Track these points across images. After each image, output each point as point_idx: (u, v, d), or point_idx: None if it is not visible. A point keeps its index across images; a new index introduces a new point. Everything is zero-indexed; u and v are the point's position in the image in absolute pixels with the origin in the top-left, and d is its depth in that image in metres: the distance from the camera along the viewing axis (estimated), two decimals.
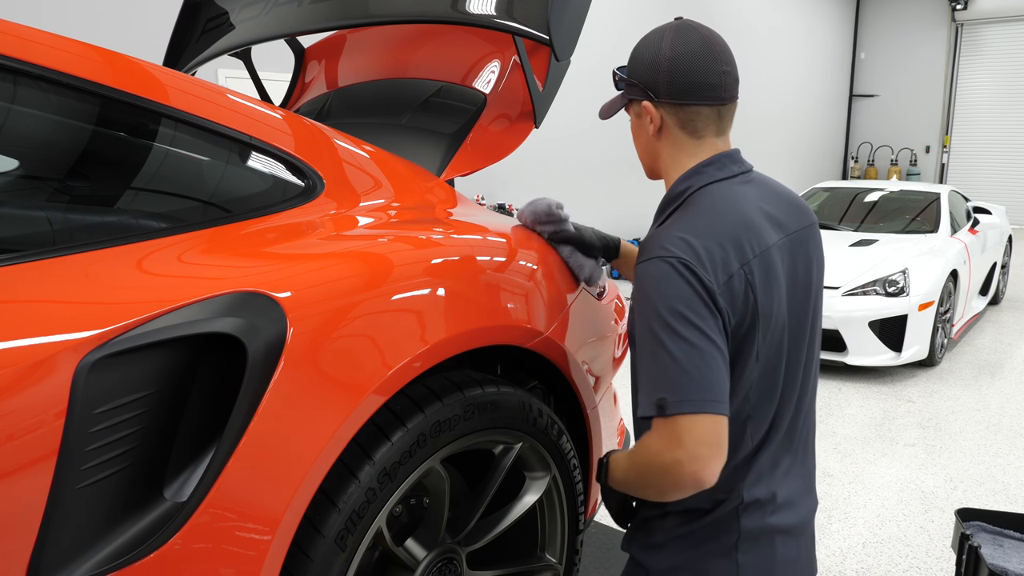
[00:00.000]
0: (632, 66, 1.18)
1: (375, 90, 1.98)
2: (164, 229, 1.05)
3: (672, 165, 1.19)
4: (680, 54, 1.12)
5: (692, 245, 1.04)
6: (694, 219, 1.09)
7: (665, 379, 0.99)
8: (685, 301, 1.01)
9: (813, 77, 12.63)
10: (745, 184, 1.17)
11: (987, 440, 3.63)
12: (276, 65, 3.02)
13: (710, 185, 1.14)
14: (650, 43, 1.16)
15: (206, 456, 0.92)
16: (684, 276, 1.02)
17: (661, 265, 1.03)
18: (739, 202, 1.13)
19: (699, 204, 1.12)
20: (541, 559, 1.49)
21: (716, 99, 1.14)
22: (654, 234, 1.12)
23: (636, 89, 1.17)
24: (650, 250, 1.07)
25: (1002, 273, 6.65)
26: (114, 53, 1.11)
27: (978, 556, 1.68)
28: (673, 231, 1.07)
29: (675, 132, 1.16)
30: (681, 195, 1.15)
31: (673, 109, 1.14)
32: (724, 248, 1.05)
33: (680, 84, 1.12)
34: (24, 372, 0.79)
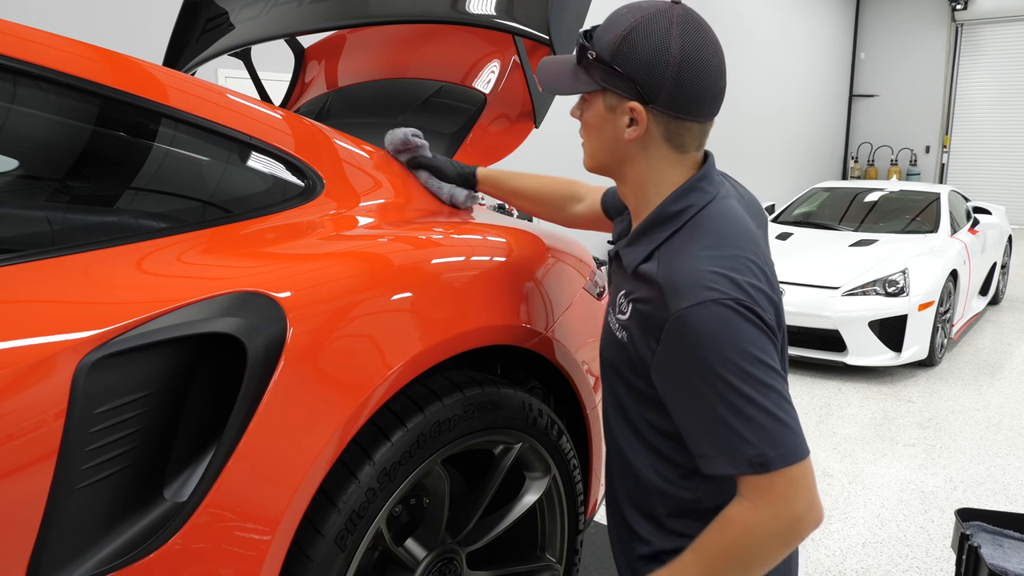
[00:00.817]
0: (624, 53, 0.98)
1: (375, 90, 1.98)
2: (164, 229, 1.05)
3: (653, 178, 1.04)
4: (692, 61, 0.97)
5: (739, 283, 0.93)
6: (716, 250, 0.97)
7: (761, 433, 0.88)
8: (758, 344, 0.91)
9: (813, 77, 12.63)
10: (730, 196, 1.07)
11: (987, 440, 3.63)
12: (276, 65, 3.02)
13: (710, 205, 1.02)
14: (655, 34, 0.97)
15: (206, 456, 0.92)
16: (749, 319, 0.91)
17: (720, 310, 0.91)
18: (744, 222, 1.03)
19: (711, 229, 1.00)
20: (541, 559, 1.49)
21: (708, 117, 1.02)
22: (677, 270, 0.96)
23: (624, 83, 0.99)
24: (688, 291, 0.93)
25: (1002, 273, 6.64)
26: (114, 53, 1.11)
27: (978, 556, 1.68)
28: (706, 266, 0.94)
29: (658, 144, 1.02)
30: (679, 216, 1.02)
31: (664, 120, 1.00)
32: (759, 279, 0.96)
33: (684, 96, 0.98)
34: (24, 372, 0.79)
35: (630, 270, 1.05)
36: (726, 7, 9.78)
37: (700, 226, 1.00)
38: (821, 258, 4.94)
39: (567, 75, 1.06)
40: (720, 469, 0.92)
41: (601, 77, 1.01)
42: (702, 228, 1.00)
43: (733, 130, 10.02)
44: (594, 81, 1.02)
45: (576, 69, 1.05)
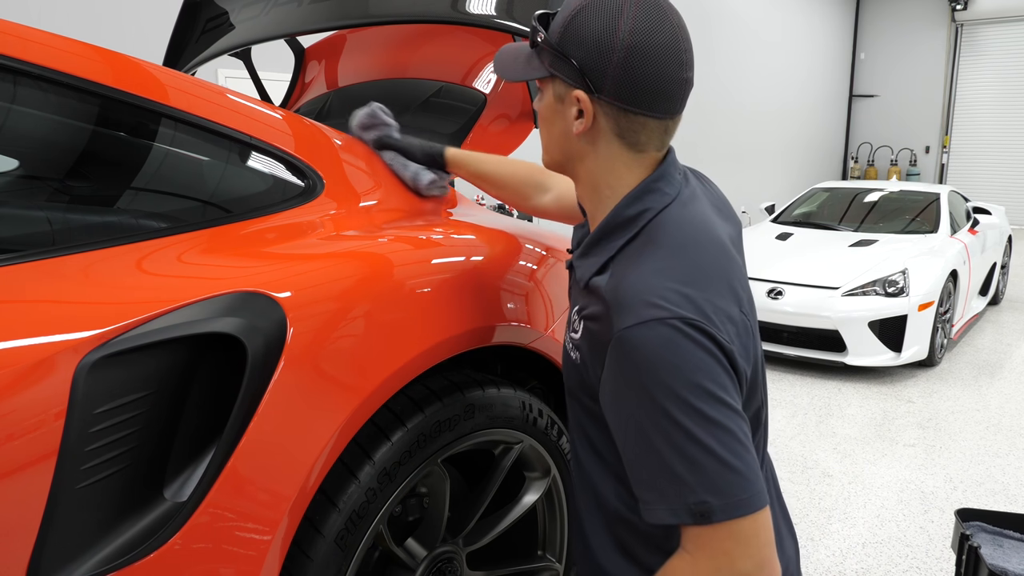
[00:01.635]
0: (570, 35, 0.87)
1: (375, 90, 1.98)
2: (164, 229, 1.05)
3: (606, 179, 0.93)
4: (642, 46, 0.84)
5: (692, 299, 0.81)
6: (673, 259, 0.85)
7: (703, 478, 0.77)
8: (706, 372, 0.79)
9: (813, 77, 12.63)
10: (695, 197, 0.95)
11: (987, 440, 3.63)
12: (276, 65, 3.02)
13: (670, 208, 0.90)
14: (603, 15, 0.86)
15: (206, 456, 0.92)
16: (698, 341, 0.79)
17: (663, 330, 0.78)
18: (708, 227, 0.91)
19: (668, 236, 0.88)
20: (541, 559, 1.49)
21: (668, 113, 0.88)
22: (625, 283, 0.85)
23: (568, 68, 0.88)
24: (631, 307, 0.81)
25: (1002, 273, 6.64)
26: (114, 53, 1.11)
27: (978, 556, 1.68)
28: (657, 280, 0.82)
29: (609, 140, 0.90)
30: (634, 221, 0.90)
31: (614, 112, 0.88)
32: (722, 294, 0.85)
33: (633, 86, 0.85)
34: (24, 372, 0.79)
35: (582, 283, 0.94)
36: (726, 7, 9.78)
37: (656, 233, 0.88)
38: (821, 258, 4.94)
39: (520, 61, 0.97)
40: (659, 517, 0.80)
41: (550, 63, 0.90)
42: (658, 235, 0.88)
43: (733, 130, 10.02)
44: (543, 67, 0.92)
45: (530, 54, 0.95)
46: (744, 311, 0.88)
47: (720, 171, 9.59)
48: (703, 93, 9.42)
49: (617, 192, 0.93)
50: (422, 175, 1.42)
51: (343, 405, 1.02)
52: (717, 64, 9.65)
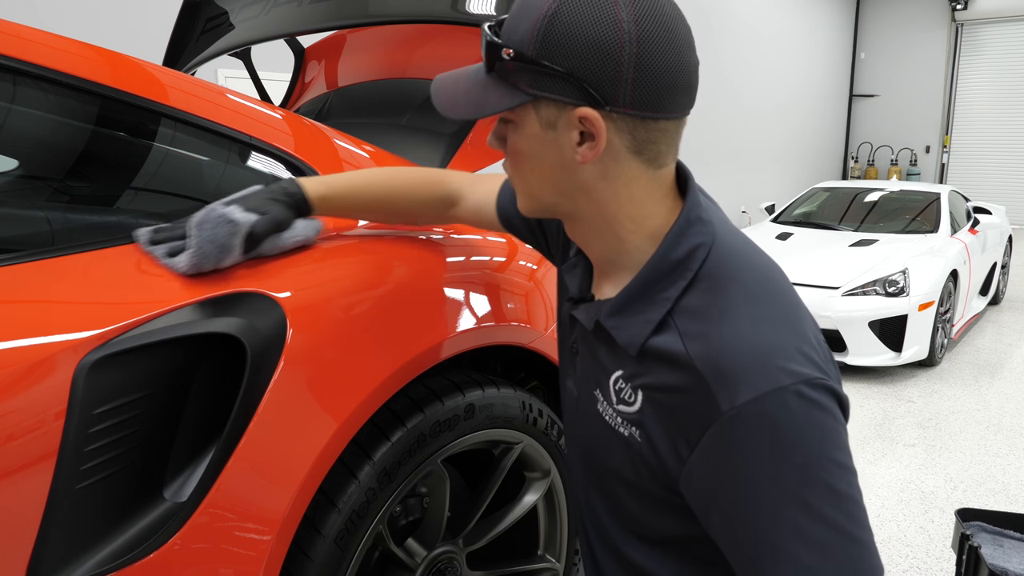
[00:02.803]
0: (554, 42, 0.69)
1: (375, 90, 1.98)
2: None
3: (626, 211, 0.76)
4: (654, 33, 0.68)
5: (804, 350, 0.69)
6: (762, 304, 0.72)
7: (830, 562, 0.67)
8: (836, 441, 0.69)
9: (813, 77, 12.63)
10: (712, 208, 0.82)
11: (987, 440, 3.63)
12: (276, 65, 3.02)
13: (722, 237, 0.76)
14: (592, 5, 0.68)
15: (206, 456, 0.92)
16: (825, 406, 0.68)
17: (790, 400, 0.66)
18: (754, 243, 0.79)
19: (738, 273, 0.74)
20: (541, 559, 1.49)
21: (687, 107, 0.74)
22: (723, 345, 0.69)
23: (565, 84, 0.69)
24: (743, 376, 0.67)
25: (1002, 273, 6.64)
26: (114, 53, 1.11)
27: (978, 556, 1.68)
28: (759, 333, 0.69)
29: (625, 161, 0.73)
30: (686, 264, 0.74)
31: (629, 125, 0.71)
32: (812, 324, 0.74)
33: (654, 85, 0.69)
34: (24, 372, 0.79)
35: (633, 349, 0.76)
36: (726, 6, 9.78)
37: (721, 273, 0.74)
38: (821, 258, 4.94)
39: (476, 90, 0.75)
40: None
41: (529, 83, 0.71)
42: (726, 275, 0.74)
43: (733, 130, 10.02)
44: (519, 91, 0.72)
45: (488, 80, 0.74)
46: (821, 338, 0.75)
47: (720, 171, 9.59)
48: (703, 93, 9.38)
49: (641, 225, 0.76)
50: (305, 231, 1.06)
51: (343, 405, 1.02)
52: (717, 64, 9.65)
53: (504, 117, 0.76)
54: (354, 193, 1.10)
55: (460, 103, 0.77)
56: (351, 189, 1.10)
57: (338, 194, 1.09)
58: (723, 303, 0.72)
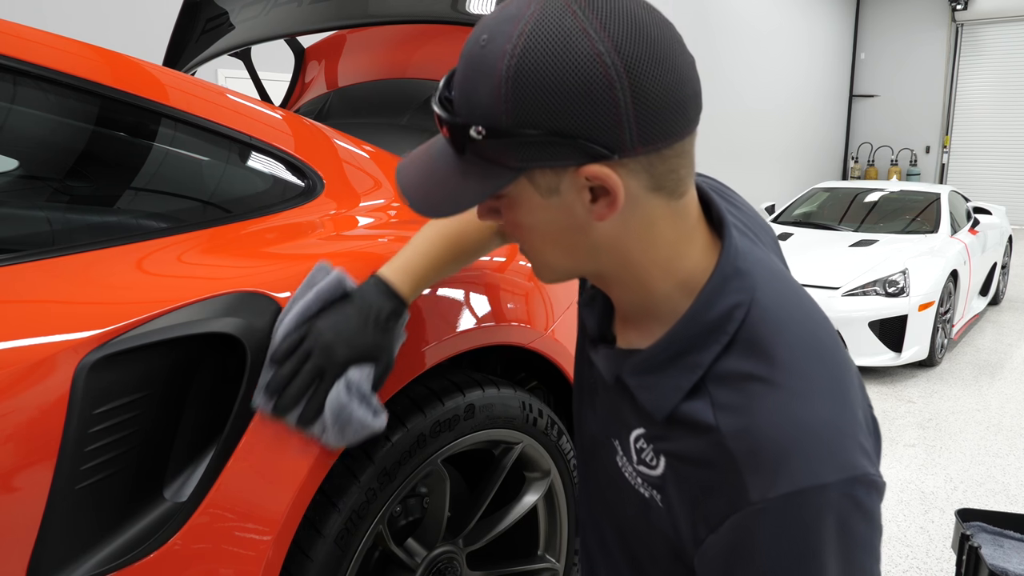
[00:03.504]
0: (529, 104, 0.57)
1: (375, 90, 1.98)
2: (164, 229, 1.05)
3: (651, 255, 0.65)
4: (640, 57, 0.57)
5: (861, 442, 0.60)
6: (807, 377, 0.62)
7: None
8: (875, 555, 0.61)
9: (813, 77, 12.63)
10: (748, 243, 0.71)
11: (987, 440, 3.63)
12: (276, 65, 3.02)
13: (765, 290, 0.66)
14: (564, 44, 0.56)
15: (206, 456, 0.92)
16: (875, 515, 0.60)
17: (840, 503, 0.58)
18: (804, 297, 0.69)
19: (783, 338, 0.64)
20: (541, 559, 1.49)
21: (698, 116, 0.63)
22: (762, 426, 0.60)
23: (555, 148, 0.58)
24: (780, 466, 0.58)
25: (1002, 273, 6.64)
26: (114, 53, 1.11)
27: (978, 556, 1.68)
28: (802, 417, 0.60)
29: (645, 202, 0.62)
30: (723, 326, 0.65)
31: (645, 164, 0.60)
32: (858, 395, 0.66)
33: (661, 115, 0.58)
34: (24, 372, 0.79)
35: (659, 415, 0.68)
36: (726, 7, 9.78)
37: (764, 335, 0.64)
38: (821, 258, 4.94)
39: (453, 179, 0.63)
40: None
41: (514, 156, 0.59)
42: (769, 339, 0.64)
43: (733, 130, 10.02)
44: (504, 167, 0.60)
45: (462, 164, 0.62)
46: (869, 403, 0.68)
47: (720, 171, 9.58)
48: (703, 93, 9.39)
49: (672, 271, 0.66)
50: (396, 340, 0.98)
51: None
52: (717, 64, 9.65)
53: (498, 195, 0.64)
54: (436, 269, 1.00)
55: (438, 199, 0.64)
56: (431, 269, 0.99)
57: (423, 281, 0.99)
58: (763, 372, 0.62)
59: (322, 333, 0.90)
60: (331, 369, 0.90)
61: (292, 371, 0.90)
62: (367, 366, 0.92)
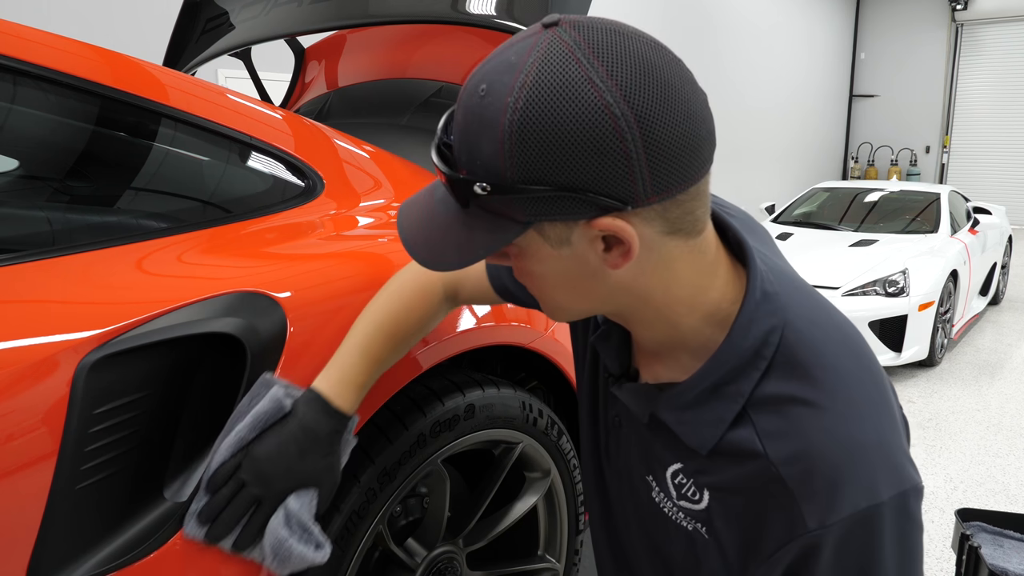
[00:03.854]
0: (535, 157, 0.55)
1: (375, 90, 1.98)
2: (164, 229, 1.05)
3: (673, 295, 0.64)
4: (650, 105, 0.54)
5: (906, 451, 0.62)
6: (847, 393, 0.62)
7: None
8: (921, 559, 0.62)
9: (813, 77, 12.63)
10: (767, 260, 0.70)
11: (987, 440, 3.63)
12: (276, 65, 3.02)
13: (794, 311, 0.66)
14: (569, 95, 0.54)
15: (206, 456, 0.92)
16: (921, 522, 0.61)
17: (894, 518, 0.59)
18: (832, 310, 0.70)
19: (819, 356, 0.63)
20: (541, 559, 1.49)
21: (712, 154, 0.61)
22: (814, 451, 0.60)
23: (564, 202, 0.56)
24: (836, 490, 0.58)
25: (1002, 273, 6.64)
26: (114, 53, 1.11)
27: (978, 556, 1.68)
28: (850, 435, 0.60)
29: (661, 246, 0.61)
30: (761, 352, 0.64)
31: (659, 211, 0.58)
32: (895, 402, 0.66)
33: (676, 161, 0.56)
34: (24, 372, 0.79)
35: (705, 450, 0.67)
36: (727, 7, 9.78)
37: (801, 357, 0.63)
38: (821, 258, 4.94)
39: (456, 230, 0.61)
40: None
41: (522, 212, 0.58)
42: (806, 359, 0.63)
43: (733, 130, 10.02)
44: (512, 221, 0.59)
45: (466, 217, 0.60)
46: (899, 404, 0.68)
47: (720, 171, 9.57)
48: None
49: (696, 306, 0.65)
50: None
51: None
52: (717, 64, 9.65)
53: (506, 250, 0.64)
54: (378, 365, 0.95)
55: (440, 250, 0.62)
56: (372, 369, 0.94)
57: (364, 385, 0.94)
58: (806, 394, 0.61)
59: (259, 461, 0.86)
60: (269, 499, 0.87)
61: (227, 498, 0.86)
62: (308, 492, 0.88)
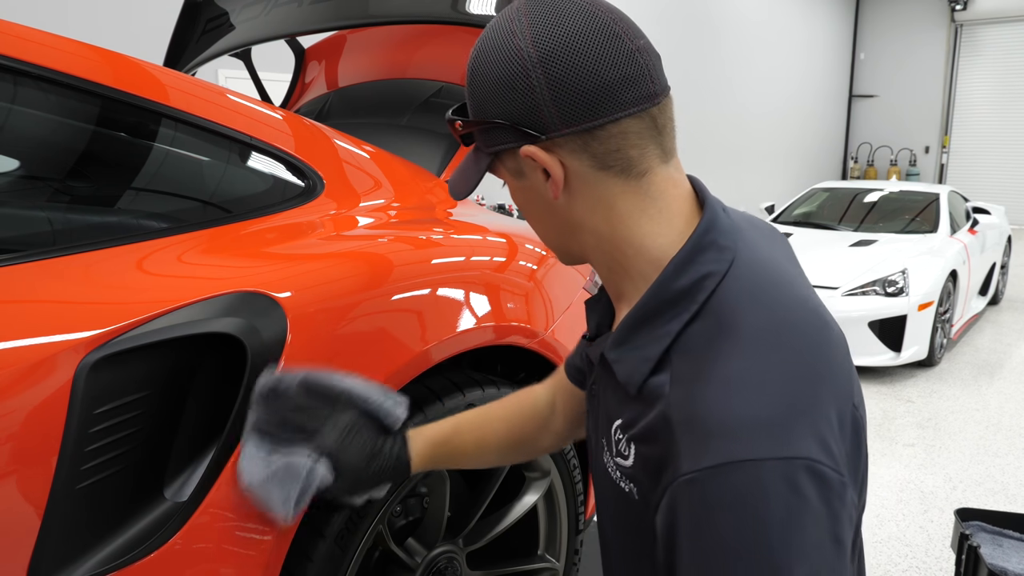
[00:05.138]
0: (480, 97, 0.69)
1: (375, 90, 1.98)
2: (164, 229, 1.05)
3: (618, 233, 0.69)
4: (554, 47, 0.64)
5: (799, 422, 0.56)
6: (766, 358, 0.59)
7: None
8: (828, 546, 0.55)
9: (813, 77, 12.63)
10: (743, 232, 0.70)
11: (986, 440, 3.64)
12: (276, 65, 3.02)
13: (735, 267, 0.65)
14: (497, 46, 0.67)
15: (206, 456, 0.92)
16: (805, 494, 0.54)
17: (776, 484, 0.54)
18: (790, 283, 0.67)
19: (749, 317, 0.62)
20: (541, 559, 1.49)
21: (641, 99, 0.65)
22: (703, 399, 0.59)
23: (501, 133, 0.68)
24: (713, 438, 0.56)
25: (1001, 273, 6.65)
26: (114, 53, 1.11)
27: (977, 556, 1.68)
28: (750, 397, 0.57)
29: (595, 181, 0.67)
30: (691, 295, 0.65)
31: (580, 142, 0.65)
32: (836, 395, 0.60)
33: (578, 97, 0.64)
34: (24, 372, 0.79)
35: (632, 388, 0.67)
36: (727, 7, 9.78)
37: (730, 312, 0.63)
38: (821, 258, 4.94)
39: (467, 165, 0.76)
40: None
41: (484, 142, 0.71)
42: (734, 316, 0.62)
43: (733, 130, 10.03)
44: (484, 153, 0.72)
45: (471, 154, 0.76)
46: (856, 403, 0.63)
47: (720, 172, 9.59)
48: (703, 93, 9.42)
49: (641, 247, 0.68)
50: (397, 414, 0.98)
51: None
52: (717, 64, 9.66)
53: (502, 179, 0.76)
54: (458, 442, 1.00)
55: (459, 182, 0.77)
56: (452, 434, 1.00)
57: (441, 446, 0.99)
58: (720, 354, 0.60)
59: (340, 420, 0.93)
60: (312, 439, 0.92)
61: (292, 406, 0.91)
62: (332, 475, 0.92)
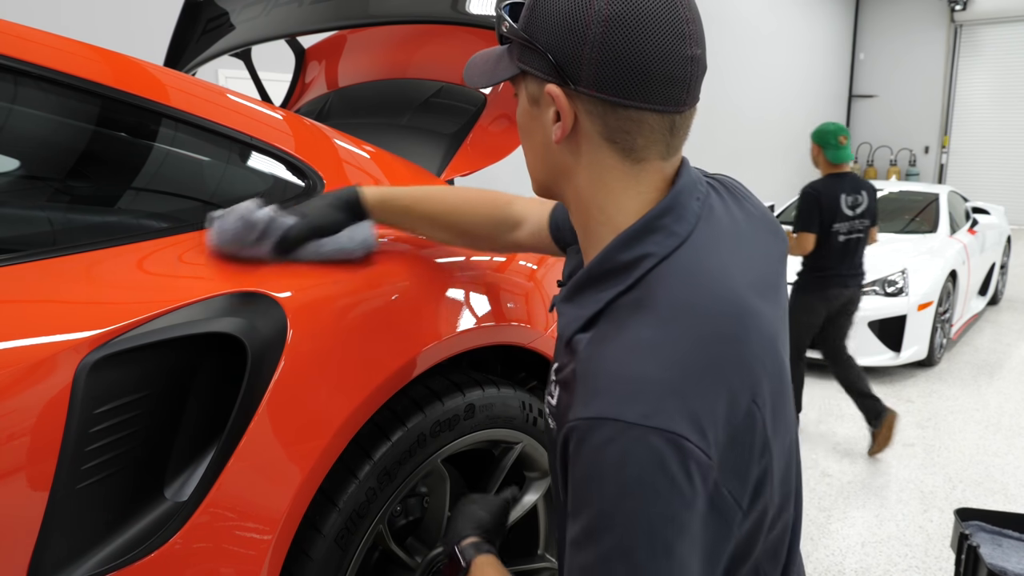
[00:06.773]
0: (537, 16, 0.70)
1: (375, 90, 1.98)
2: (165, 229, 1.05)
3: (597, 199, 0.72)
4: (625, 14, 0.64)
5: (694, 416, 0.60)
6: (663, 333, 0.64)
7: None
8: (677, 523, 0.58)
9: (812, 78, 12.63)
10: (717, 238, 0.72)
11: (986, 440, 3.64)
12: (276, 65, 3.02)
13: (677, 254, 0.68)
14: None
15: (206, 456, 0.92)
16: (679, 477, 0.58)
17: (636, 447, 0.58)
18: (725, 285, 0.68)
19: (666, 298, 0.66)
20: (541, 559, 1.49)
21: (672, 102, 0.68)
22: (598, 355, 0.65)
23: (537, 58, 0.70)
24: (595, 392, 0.62)
25: (1001, 273, 6.65)
26: (114, 53, 1.11)
27: (977, 555, 1.68)
28: (634, 361, 0.62)
29: (596, 146, 0.70)
30: (629, 270, 0.69)
31: (599, 109, 0.68)
32: (720, 386, 0.63)
33: (619, 68, 0.65)
34: (25, 372, 0.79)
35: (563, 340, 0.73)
36: (727, 7, 9.78)
37: (654, 291, 0.67)
38: None
39: (491, 62, 0.78)
40: None
41: (519, 56, 0.72)
42: (655, 295, 0.67)
43: (733, 130, 10.03)
44: (512, 63, 0.73)
45: (501, 53, 0.77)
46: (758, 402, 0.65)
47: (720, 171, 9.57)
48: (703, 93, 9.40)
49: (611, 218, 0.72)
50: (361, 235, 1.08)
51: (343, 405, 1.02)
52: (717, 64, 9.64)
53: (515, 91, 0.77)
54: (413, 200, 1.11)
55: (475, 72, 0.80)
56: (411, 197, 1.11)
57: (396, 199, 1.11)
58: (628, 322, 0.66)
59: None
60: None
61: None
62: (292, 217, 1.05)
